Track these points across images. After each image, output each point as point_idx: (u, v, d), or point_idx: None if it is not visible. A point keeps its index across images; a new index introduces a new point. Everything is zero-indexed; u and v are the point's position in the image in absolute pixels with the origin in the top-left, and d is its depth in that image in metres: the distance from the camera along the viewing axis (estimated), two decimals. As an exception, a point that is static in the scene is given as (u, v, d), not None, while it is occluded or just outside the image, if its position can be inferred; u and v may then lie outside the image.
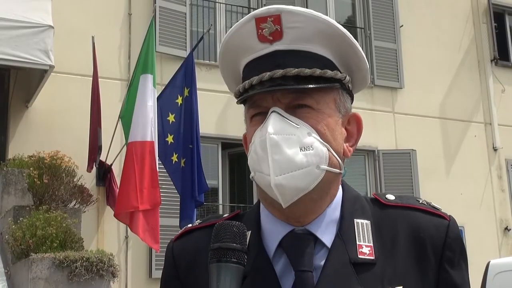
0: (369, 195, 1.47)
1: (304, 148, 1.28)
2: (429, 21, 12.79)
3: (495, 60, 13.16)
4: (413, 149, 11.54)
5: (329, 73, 1.34)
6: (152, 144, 7.49)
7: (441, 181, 11.88)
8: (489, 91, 12.93)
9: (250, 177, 1.35)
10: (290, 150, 1.27)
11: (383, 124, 11.71)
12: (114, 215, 7.73)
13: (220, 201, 10.38)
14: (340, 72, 1.38)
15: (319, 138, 1.31)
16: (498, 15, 13.71)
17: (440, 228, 1.37)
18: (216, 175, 10.32)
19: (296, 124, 1.30)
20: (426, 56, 12.45)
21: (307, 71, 1.31)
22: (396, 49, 12.12)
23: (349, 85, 1.41)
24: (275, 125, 1.28)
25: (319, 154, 1.30)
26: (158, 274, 9.01)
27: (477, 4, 13.47)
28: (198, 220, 1.51)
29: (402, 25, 12.27)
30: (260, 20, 1.32)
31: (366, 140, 11.41)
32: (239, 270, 1.23)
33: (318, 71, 1.32)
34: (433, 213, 1.40)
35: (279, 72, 1.30)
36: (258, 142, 1.29)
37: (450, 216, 1.41)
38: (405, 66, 12.10)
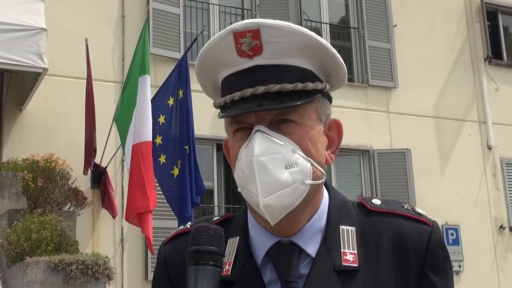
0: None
1: (289, 166, 1.29)
2: (422, 20, 12.81)
3: (489, 59, 13.19)
4: (407, 149, 11.55)
5: (310, 85, 1.34)
6: (151, 143, 7.51)
7: (436, 180, 11.90)
8: (483, 90, 12.96)
9: (238, 189, 1.37)
10: (277, 170, 1.28)
11: (377, 124, 11.72)
12: (125, 219, 7.67)
13: (216, 203, 10.37)
14: (321, 82, 1.38)
15: (303, 154, 1.31)
16: (491, 14, 13.75)
17: (423, 234, 1.38)
18: (211, 176, 10.31)
19: (281, 141, 1.30)
20: (420, 56, 12.47)
21: (289, 86, 1.31)
22: (390, 49, 12.13)
23: (329, 91, 1.43)
24: (261, 145, 1.28)
25: (304, 170, 1.31)
26: (154, 276, 9.00)
27: (470, 3, 13.50)
28: (190, 223, 1.53)
29: (395, 25, 12.29)
30: (238, 35, 1.31)
31: (360, 140, 11.43)
32: (216, 273, 1.26)
33: (300, 85, 1.32)
34: (416, 219, 1.41)
35: (261, 89, 1.30)
36: (244, 161, 1.30)
37: (433, 221, 1.42)
38: (399, 65, 12.12)
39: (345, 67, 1.43)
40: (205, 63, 1.40)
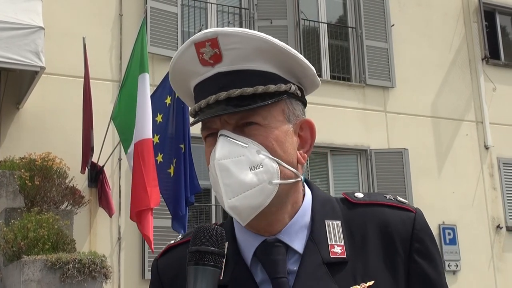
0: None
1: (253, 167, 1.32)
2: (420, 20, 12.82)
3: (486, 59, 13.21)
4: (405, 148, 11.56)
5: (272, 87, 1.36)
6: (151, 141, 7.50)
7: (433, 180, 11.91)
8: (480, 90, 12.97)
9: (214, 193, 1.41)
10: (240, 172, 1.31)
11: (375, 124, 11.73)
12: (130, 218, 7.66)
13: (213, 202, 10.36)
14: (285, 84, 1.39)
15: (268, 154, 1.34)
16: (488, 14, 13.76)
17: (407, 221, 1.41)
18: (208, 175, 10.28)
19: (245, 144, 1.33)
20: (417, 55, 12.47)
21: (249, 90, 1.34)
22: (388, 49, 12.14)
23: (298, 92, 1.43)
24: (223, 149, 1.32)
25: (270, 170, 1.33)
26: (151, 275, 9.00)
27: (467, 3, 13.51)
28: (180, 236, 1.56)
29: (393, 25, 12.30)
30: (199, 45, 1.36)
31: (358, 139, 11.43)
32: (215, 274, 1.27)
33: (260, 88, 1.35)
34: (399, 207, 1.44)
35: (223, 95, 1.34)
36: (211, 165, 1.35)
37: (416, 208, 1.45)
38: (396, 65, 12.12)
39: (312, 68, 1.44)
40: (174, 74, 1.45)
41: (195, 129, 8.18)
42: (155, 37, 10.01)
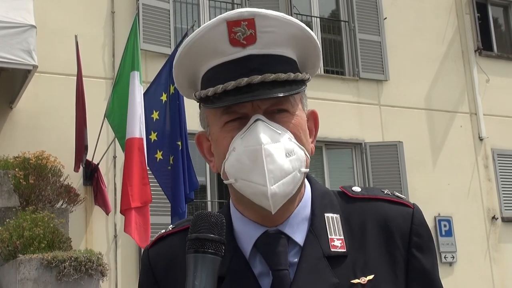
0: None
1: (288, 154, 1.30)
2: (412, 13, 12.82)
3: (479, 50, 13.22)
4: (399, 141, 11.58)
5: (300, 75, 1.37)
6: (141, 140, 7.48)
7: (428, 172, 11.93)
8: (473, 82, 12.99)
9: (226, 182, 1.36)
10: (280, 158, 1.29)
11: (369, 117, 11.74)
12: (120, 212, 7.68)
13: (209, 198, 10.36)
14: (306, 73, 1.41)
15: (297, 142, 1.34)
16: (480, 6, 13.77)
17: (406, 216, 1.41)
18: (204, 171, 10.30)
19: (278, 130, 1.31)
20: (410, 48, 12.48)
21: (283, 76, 1.32)
22: (381, 42, 12.14)
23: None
24: (265, 134, 1.29)
25: (300, 158, 1.33)
26: (147, 272, 8.99)
27: (460, -5, 13.53)
28: (171, 225, 1.52)
29: (385, 18, 12.29)
30: (232, 24, 1.31)
31: (352, 133, 11.44)
32: (216, 261, 1.24)
33: (292, 75, 1.34)
34: (397, 202, 1.44)
35: (257, 78, 1.30)
36: (243, 151, 1.29)
37: (414, 204, 1.45)
38: (389, 58, 12.13)
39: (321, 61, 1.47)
40: (190, 52, 1.37)
41: (192, 126, 8.17)
42: (147, 34, 9.99)
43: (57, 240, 6.76)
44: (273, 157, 1.28)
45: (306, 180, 1.44)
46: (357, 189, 1.47)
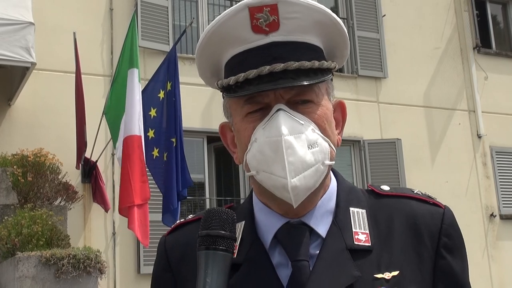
0: (360, 187, 1.48)
1: (311, 146, 1.26)
2: (411, 10, 12.81)
3: (478, 48, 13.22)
4: (398, 139, 11.58)
5: (325, 64, 1.32)
6: (140, 138, 7.48)
7: (427, 170, 11.94)
8: (472, 79, 12.99)
9: (248, 174, 1.33)
10: (302, 150, 1.25)
11: (367, 114, 11.74)
12: (118, 212, 7.69)
13: (207, 195, 10.36)
14: (333, 62, 1.36)
15: (321, 134, 1.29)
16: (479, 3, 13.76)
17: (436, 215, 1.37)
18: (202, 169, 10.29)
19: (301, 121, 1.27)
20: (409, 45, 12.48)
21: (307, 64, 1.28)
22: (379, 39, 12.14)
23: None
24: (286, 125, 1.25)
25: (323, 150, 1.29)
26: (146, 270, 8.99)
27: (458, -8, 13.52)
28: (191, 215, 1.49)
29: (384, 15, 12.29)
30: (255, 10, 1.27)
31: (351, 130, 11.44)
32: (227, 258, 1.22)
33: (317, 63, 1.30)
34: (428, 201, 1.41)
35: (280, 66, 1.26)
36: (265, 142, 1.26)
37: (445, 205, 1.42)
38: (388, 55, 12.13)
39: (349, 49, 1.42)
40: (212, 40, 1.33)
41: (186, 123, 8.18)
42: (146, 31, 9.98)
43: (55, 237, 6.76)
44: (294, 149, 1.24)
45: (332, 174, 1.40)
46: (385, 187, 1.43)
